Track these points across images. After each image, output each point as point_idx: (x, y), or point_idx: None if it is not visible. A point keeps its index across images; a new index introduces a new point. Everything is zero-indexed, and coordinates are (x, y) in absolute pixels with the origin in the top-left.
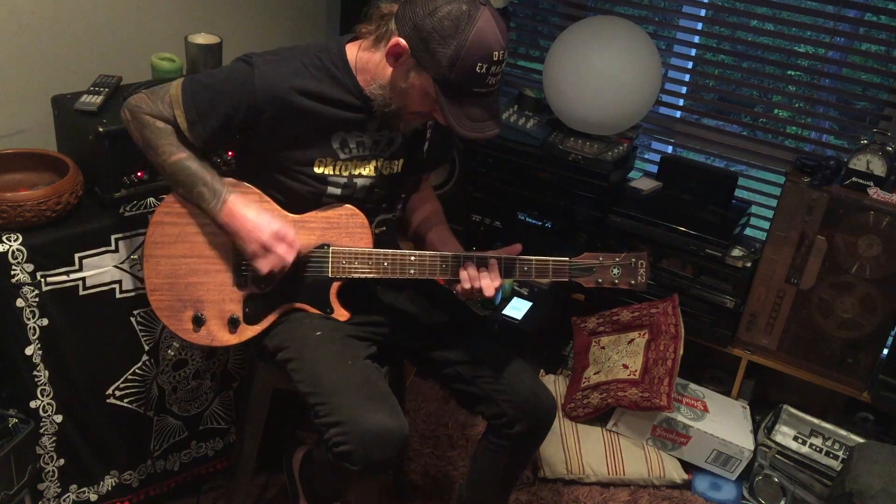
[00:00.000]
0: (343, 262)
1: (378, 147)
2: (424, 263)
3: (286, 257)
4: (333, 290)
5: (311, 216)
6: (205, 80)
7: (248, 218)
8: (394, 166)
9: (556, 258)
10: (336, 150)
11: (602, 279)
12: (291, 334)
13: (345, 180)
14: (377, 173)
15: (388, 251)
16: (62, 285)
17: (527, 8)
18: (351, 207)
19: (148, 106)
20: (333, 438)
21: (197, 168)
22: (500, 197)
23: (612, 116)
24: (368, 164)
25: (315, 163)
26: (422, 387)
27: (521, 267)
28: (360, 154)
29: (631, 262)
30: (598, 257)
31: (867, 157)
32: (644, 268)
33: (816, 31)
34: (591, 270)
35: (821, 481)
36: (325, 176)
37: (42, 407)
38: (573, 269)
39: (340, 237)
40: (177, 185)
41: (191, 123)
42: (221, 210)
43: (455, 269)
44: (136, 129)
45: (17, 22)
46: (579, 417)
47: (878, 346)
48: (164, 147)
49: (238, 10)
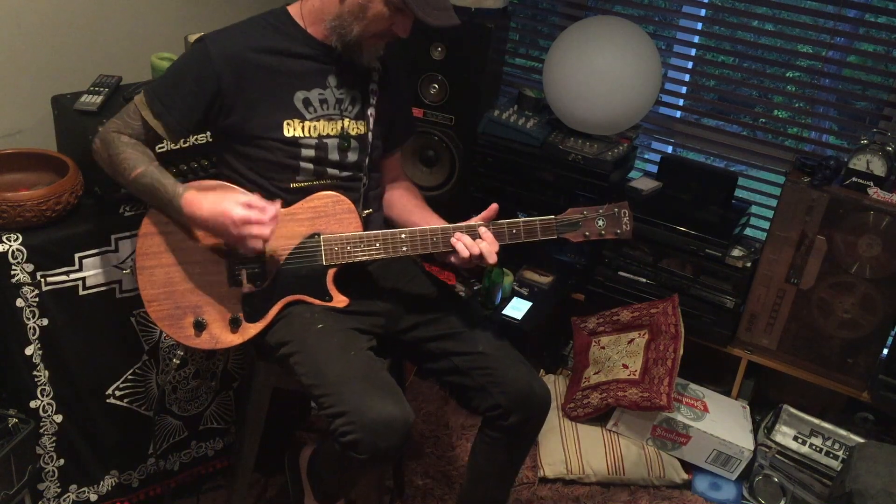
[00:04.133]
0: (336, 249)
1: (342, 105)
2: (416, 239)
3: (262, 233)
4: (330, 277)
5: (298, 207)
6: (164, 74)
7: (205, 212)
8: (360, 126)
9: (541, 217)
10: (301, 110)
11: (589, 231)
12: (292, 329)
13: (315, 141)
14: (343, 133)
15: (378, 232)
16: (62, 285)
17: (527, 8)
18: (335, 194)
19: (115, 124)
20: (340, 428)
21: (153, 178)
22: (500, 197)
23: (612, 116)
24: (335, 124)
25: (283, 125)
26: (422, 387)
27: (509, 230)
28: (325, 112)
29: (614, 212)
30: (581, 211)
31: (867, 157)
32: (628, 217)
33: (816, 31)
34: (577, 225)
35: (821, 481)
36: (296, 139)
37: (42, 407)
38: (560, 226)
39: (330, 224)
40: (145, 200)
41: (158, 115)
42: (181, 210)
43: (446, 241)
44: (104, 151)
45: (17, 22)
46: (579, 417)
47: (878, 346)
48: (125, 162)
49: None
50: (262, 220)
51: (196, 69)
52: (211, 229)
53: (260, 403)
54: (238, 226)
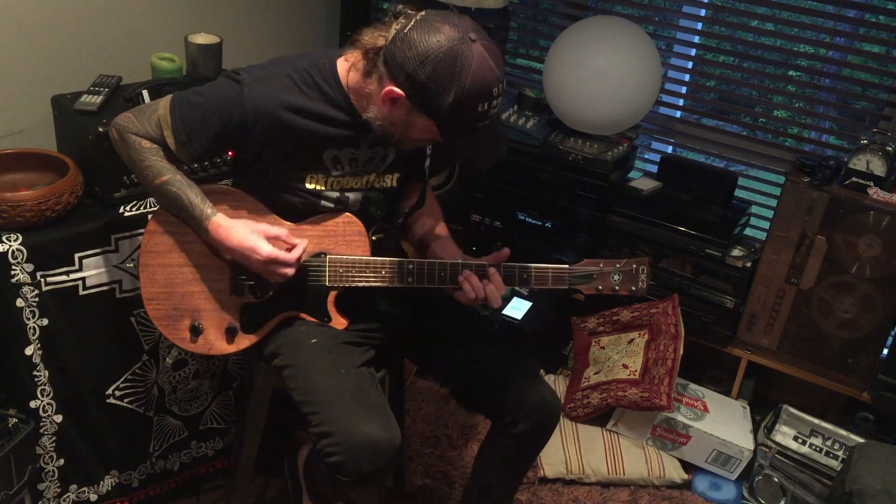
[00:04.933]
0: (340, 271)
1: (372, 163)
2: (423, 272)
3: (286, 273)
4: (331, 298)
5: (308, 224)
6: (193, 98)
7: (234, 244)
8: (387, 180)
9: (555, 266)
10: (328, 167)
11: (602, 286)
12: (286, 341)
13: (337, 195)
14: (368, 186)
15: (385, 259)
16: (62, 285)
17: (527, 8)
18: (349, 215)
19: (135, 126)
20: (325, 449)
21: (180, 191)
22: (500, 197)
23: (612, 116)
24: (360, 179)
25: (306, 179)
26: (422, 387)
27: (520, 275)
28: (352, 170)
29: (632, 269)
30: (598, 264)
31: (867, 157)
32: (645, 273)
33: (816, 31)
34: (591, 277)
35: (821, 481)
36: (318, 191)
37: (42, 407)
38: (573, 277)
39: (338, 245)
40: (164, 205)
41: (180, 144)
42: (208, 234)
43: (454, 277)
44: (123, 150)
45: (17, 22)
46: (579, 417)
47: (877, 346)
48: (149, 169)
49: (238, 10)
50: (289, 259)
51: (227, 114)
52: (237, 258)
53: (260, 403)
54: (265, 263)
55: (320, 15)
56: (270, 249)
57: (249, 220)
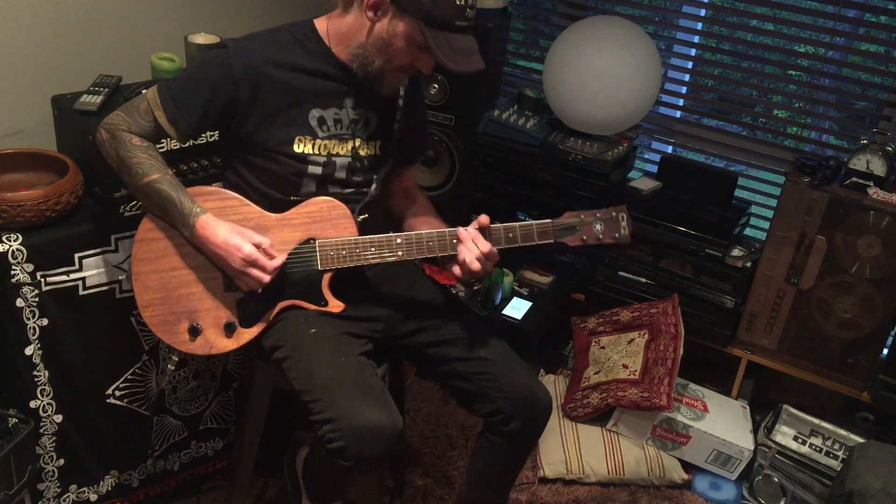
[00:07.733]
0: (331, 253)
1: (356, 126)
2: (411, 243)
3: (262, 278)
4: (325, 282)
5: (293, 213)
6: (179, 75)
7: (219, 240)
8: (371, 147)
9: (538, 221)
10: (314, 127)
11: (586, 236)
12: (286, 333)
13: (324, 159)
14: (353, 153)
15: (373, 237)
16: (62, 285)
17: (527, 8)
18: (331, 199)
19: (125, 122)
20: (327, 435)
21: (168, 191)
22: (500, 197)
23: (612, 116)
24: (346, 144)
25: (294, 141)
26: (422, 387)
27: (506, 234)
28: (338, 132)
29: (612, 216)
30: (579, 215)
31: (867, 157)
32: (626, 220)
33: (816, 31)
34: (575, 229)
35: (821, 481)
36: (306, 155)
37: (42, 407)
38: (557, 230)
39: (325, 230)
40: (150, 207)
41: (172, 120)
42: (192, 234)
43: (443, 245)
44: (112, 149)
45: (17, 22)
46: (579, 417)
47: (877, 346)
48: (138, 167)
49: (238, 10)
50: (266, 266)
51: (215, 76)
52: (217, 255)
53: (260, 403)
54: (244, 262)
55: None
56: (253, 250)
57: (236, 225)
